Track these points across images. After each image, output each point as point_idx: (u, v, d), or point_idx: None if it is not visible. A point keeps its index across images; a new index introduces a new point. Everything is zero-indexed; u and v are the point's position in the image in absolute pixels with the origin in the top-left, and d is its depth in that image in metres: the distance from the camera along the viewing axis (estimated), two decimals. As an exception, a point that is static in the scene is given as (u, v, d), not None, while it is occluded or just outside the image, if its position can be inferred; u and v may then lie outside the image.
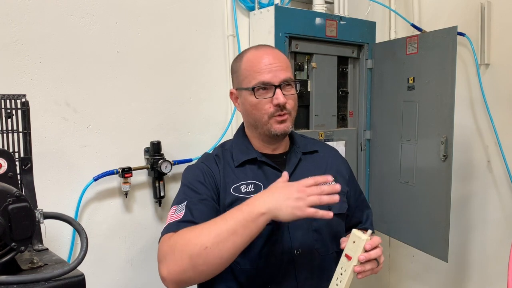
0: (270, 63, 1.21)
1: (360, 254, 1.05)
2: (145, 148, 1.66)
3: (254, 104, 1.22)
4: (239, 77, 1.27)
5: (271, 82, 1.20)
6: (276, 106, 1.20)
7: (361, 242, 1.06)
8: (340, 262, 1.09)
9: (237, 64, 1.29)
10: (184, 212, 1.14)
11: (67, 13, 1.46)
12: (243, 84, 1.25)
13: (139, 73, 1.63)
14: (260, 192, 1.09)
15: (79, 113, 1.50)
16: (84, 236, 0.92)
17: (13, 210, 0.83)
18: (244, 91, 1.25)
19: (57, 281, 0.83)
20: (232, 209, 1.06)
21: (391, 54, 1.99)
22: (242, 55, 1.29)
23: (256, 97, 1.20)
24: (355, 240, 1.08)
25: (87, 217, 1.55)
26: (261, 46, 1.30)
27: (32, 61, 1.40)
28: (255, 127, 1.27)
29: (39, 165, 1.27)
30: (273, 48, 1.30)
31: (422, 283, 2.36)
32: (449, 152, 1.74)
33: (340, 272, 1.08)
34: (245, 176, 1.25)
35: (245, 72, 1.24)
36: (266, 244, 1.19)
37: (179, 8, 1.71)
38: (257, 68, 1.21)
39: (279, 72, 1.21)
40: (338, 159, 1.42)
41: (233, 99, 1.33)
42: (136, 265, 1.66)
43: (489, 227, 2.03)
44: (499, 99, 1.93)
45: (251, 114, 1.25)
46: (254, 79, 1.21)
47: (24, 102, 1.06)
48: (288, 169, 1.27)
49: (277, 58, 1.23)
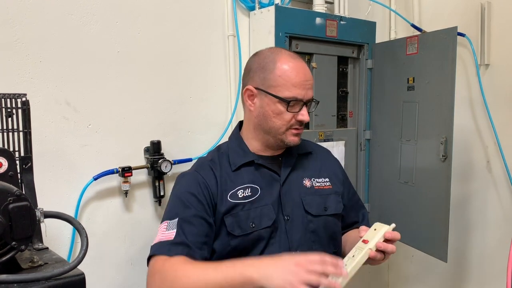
0: (306, 79, 1.22)
1: (378, 241, 1.08)
2: (145, 147, 1.66)
3: (277, 113, 1.22)
4: (268, 80, 1.22)
5: (303, 100, 1.21)
6: (298, 121, 1.23)
7: (383, 228, 1.10)
8: (356, 246, 1.10)
9: (267, 66, 1.23)
10: (175, 231, 1.14)
11: (67, 13, 1.46)
12: (272, 90, 1.21)
13: (139, 72, 1.63)
14: (262, 258, 1.04)
15: (79, 112, 1.51)
16: (84, 235, 0.93)
17: (14, 209, 0.83)
18: (269, 96, 1.22)
19: (57, 280, 0.83)
20: (229, 262, 1.07)
21: (391, 54, 2.00)
22: (274, 58, 1.23)
23: (288, 110, 1.21)
24: (376, 228, 1.11)
25: (87, 216, 1.55)
26: (294, 55, 1.26)
27: (33, 61, 1.40)
28: (266, 132, 1.26)
29: (39, 164, 1.27)
30: (303, 61, 1.28)
31: (421, 283, 2.36)
32: (448, 152, 1.74)
33: (352, 254, 1.09)
34: (241, 180, 1.24)
35: (280, 80, 1.20)
36: (266, 247, 1.20)
37: (179, 7, 1.71)
38: (295, 82, 1.20)
39: (310, 91, 1.23)
40: (331, 160, 1.43)
41: (248, 96, 1.27)
42: (136, 264, 1.66)
43: (488, 227, 2.04)
44: (499, 99, 1.93)
45: (269, 120, 1.23)
46: (289, 91, 1.20)
47: (24, 101, 1.06)
48: (284, 172, 1.28)
49: (310, 74, 1.25)
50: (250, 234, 1.19)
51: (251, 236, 1.19)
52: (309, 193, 1.28)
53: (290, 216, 1.24)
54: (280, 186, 1.26)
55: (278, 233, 1.22)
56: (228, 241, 1.19)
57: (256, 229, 1.19)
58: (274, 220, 1.21)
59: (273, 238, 1.21)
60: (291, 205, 1.25)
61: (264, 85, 1.23)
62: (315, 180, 1.32)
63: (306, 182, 1.30)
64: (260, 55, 1.29)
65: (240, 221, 1.19)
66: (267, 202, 1.23)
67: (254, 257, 1.16)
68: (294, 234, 1.23)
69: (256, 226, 1.19)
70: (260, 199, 1.22)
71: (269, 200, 1.23)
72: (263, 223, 1.20)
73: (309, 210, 1.26)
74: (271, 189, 1.25)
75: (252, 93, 1.26)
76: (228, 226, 1.19)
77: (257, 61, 1.27)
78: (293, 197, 1.26)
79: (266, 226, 1.20)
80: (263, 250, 1.20)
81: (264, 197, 1.23)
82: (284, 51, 1.28)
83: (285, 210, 1.24)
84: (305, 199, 1.27)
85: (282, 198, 1.24)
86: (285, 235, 1.22)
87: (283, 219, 1.23)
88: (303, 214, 1.25)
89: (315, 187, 1.30)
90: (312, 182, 1.31)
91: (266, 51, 1.28)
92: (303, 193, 1.28)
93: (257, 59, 1.28)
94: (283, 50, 1.28)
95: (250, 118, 1.30)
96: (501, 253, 1.96)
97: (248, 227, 1.19)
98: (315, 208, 1.27)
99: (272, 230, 1.21)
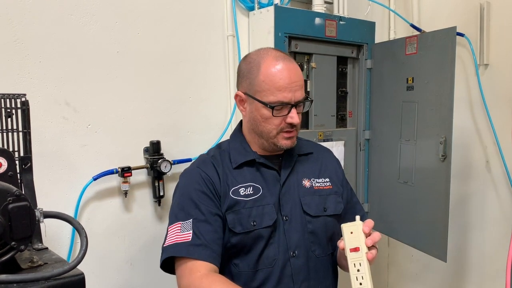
0: (291, 81, 1.18)
1: (365, 241, 1.05)
2: (145, 147, 1.66)
3: (266, 118, 1.20)
4: (253, 86, 1.21)
5: (290, 102, 1.18)
6: (288, 123, 1.20)
7: (358, 227, 1.06)
8: (350, 260, 1.05)
9: (252, 70, 1.21)
10: (192, 233, 1.14)
11: (67, 13, 1.46)
12: (258, 96, 1.20)
13: (139, 72, 1.63)
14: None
15: (79, 112, 1.51)
16: (84, 235, 0.92)
17: (13, 209, 0.83)
18: (256, 102, 1.20)
19: (57, 280, 0.83)
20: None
21: (391, 54, 2.00)
22: (258, 61, 1.21)
23: (274, 115, 1.18)
24: (352, 230, 1.07)
25: (87, 216, 1.55)
26: (279, 55, 1.22)
27: (32, 61, 1.40)
28: (259, 135, 1.25)
29: (39, 164, 1.27)
30: (291, 60, 1.23)
31: (420, 283, 2.36)
32: (448, 152, 1.74)
33: (356, 269, 1.04)
34: (243, 179, 1.24)
35: (263, 84, 1.18)
36: (266, 247, 1.20)
37: (178, 8, 1.71)
38: (279, 86, 1.17)
39: (298, 92, 1.19)
40: (332, 160, 1.42)
41: (238, 101, 1.27)
42: (135, 264, 1.66)
43: (487, 226, 2.04)
44: (498, 99, 1.93)
45: (259, 124, 1.22)
46: (274, 95, 1.17)
47: (24, 101, 1.06)
48: (284, 173, 1.27)
49: (297, 75, 1.20)
50: (251, 232, 1.19)
51: (251, 234, 1.19)
52: (308, 194, 1.28)
53: (288, 216, 1.23)
54: (281, 186, 1.25)
55: (277, 233, 1.21)
56: (228, 238, 1.19)
57: (257, 227, 1.19)
58: (275, 220, 1.21)
59: (272, 238, 1.21)
60: (290, 205, 1.24)
61: (251, 90, 1.22)
62: (315, 181, 1.31)
63: (306, 183, 1.29)
64: (247, 59, 1.27)
65: (241, 218, 1.19)
66: (269, 202, 1.22)
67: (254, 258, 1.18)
68: (293, 234, 1.22)
69: (258, 225, 1.19)
70: (262, 198, 1.22)
71: (270, 200, 1.23)
72: (265, 222, 1.20)
73: (308, 210, 1.25)
74: (272, 189, 1.24)
75: (242, 99, 1.26)
76: (229, 222, 1.19)
77: (244, 65, 1.26)
78: (292, 197, 1.26)
79: (267, 225, 1.20)
80: (263, 249, 1.19)
81: (266, 197, 1.23)
82: (271, 52, 1.23)
83: (283, 210, 1.23)
84: (304, 199, 1.26)
85: (281, 198, 1.24)
86: (284, 236, 1.21)
87: (281, 220, 1.23)
88: (301, 215, 1.25)
89: (314, 187, 1.30)
90: (311, 183, 1.30)
91: (252, 54, 1.26)
92: (302, 193, 1.27)
93: (244, 63, 1.27)
94: (270, 52, 1.23)
95: (245, 122, 1.30)
96: (500, 252, 1.96)
97: (250, 225, 1.19)
98: (314, 208, 1.26)
99: (272, 230, 1.21)
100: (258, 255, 1.19)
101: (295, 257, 1.21)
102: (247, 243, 1.19)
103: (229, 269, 1.21)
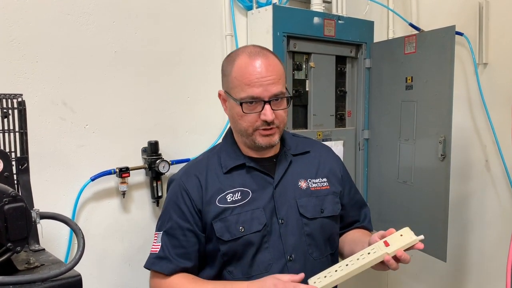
0: (262, 76, 1.13)
1: (400, 249, 1.04)
2: (143, 148, 1.66)
3: (240, 115, 1.17)
4: (228, 83, 1.20)
5: (260, 98, 1.13)
6: (262, 121, 1.15)
7: (411, 238, 1.05)
8: (375, 245, 1.07)
9: (227, 68, 1.20)
10: (160, 245, 1.20)
11: (64, 12, 1.45)
12: (232, 93, 1.18)
13: (136, 72, 1.62)
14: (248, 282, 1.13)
15: (76, 112, 1.50)
16: (81, 237, 0.92)
17: (9, 210, 0.83)
18: (232, 99, 1.19)
19: (54, 281, 0.83)
20: (220, 284, 1.17)
21: (389, 53, 1.99)
22: (234, 58, 1.20)
23: (244, 111, 1.15)
24: (403, 234, 1.06)
25: (85, 217, 1.54)
26: (254, 51, 1.18)
27: (29, 61, 1.39)
28: (240, 134, 1.23)
29: (35, 165, 1.26)
30: (268, 54, 1.18)
31: (420, 282, 2.36)
32: (447, 151, 1.74)
33: (368, 251, 1.06)
34: (231, 184, 1.22)
35: (235, 81, 1.16)
36: (258, 252, 1.18)
37: (176, 7, 1.70)
38: (247, 80, 1.13)
39: (270, 87, 1.13)
40: (331, 158, 1.38)
41: (222, 100, 1.26)
42: (133, 265, 1.66)
43: (487, 226, 2.03)
44: (497, 98, 1.93)
45: (237, 122, 1.20)
46: (243, 91, 1.14)
47: (20, 101, 1.06)
48: (277, 175, 1.24)
49: (270, 69, 1.14)
50: (239, 239, 1.16)
51: (240, 241, 1.17)
52: (305, 195, 1.24)
53: (284, 219, 1.20)
54: (273, 189, 1.22)
55: (272, 237, 1.18)
56: (218, 246, 1.18)
57: (245, 233, 1.16)
58: (267, 224, 1.18)
59: (266, 243, 1.18)
60: (286, 208, 1.21)
61: (227, 88, 1.21)
62: (312, 181, 1.27)
63: (302, 184, 1.26)
64: (227, 57, 1.26)
65: (229, 226, 1.17)
66: (258, 206, 1.19)
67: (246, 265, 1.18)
68: (289, 238, 1.20)
69: (246, 231, 1.16)
70: (250, 203, 1.19)
71: (260, 203, 1.20)
72: (253, 227, 1.17)
73: (304, 213, 1.22)
74: (263, 192, 1.21)
75: (224, 97, 1.24)
76: (216, 231, 1.17)
77: (224, 63, 1.24)
78: (288, 199, 1.22)
79: (256, 230, 1.17)
80: (255, 255, 1.17)
81: (255, 201, 1.20)
82: (247, 49, 1.19)
83: (279, 213, 1.20)
84: (300, 201, 1.23)
85: (276, 201, 1.21)
86: (280, 240, 1.19)
87: (277, 223, 1.20)
88: (297, 218, 1.22)
89: (311, 188, 1.26)
90: (308, 183, 1.27)
91: (232, 53, 1.25)
92: (298, 195, 1.24)
93: (225, 61, 1.25)
94: (246, 49, 1.20)
95: (230, 122, 1.29)
96: (500, 252, 1.96)
97: (237, 232, 1.16)
98: (311, 210, 1.23)
99: (264, 234, 1.18)
100: (250, 261, 1.17)
101: (292, 261, 1.19)
102: (237, 250, 1.17)
103: (224, 277, 1.20)
